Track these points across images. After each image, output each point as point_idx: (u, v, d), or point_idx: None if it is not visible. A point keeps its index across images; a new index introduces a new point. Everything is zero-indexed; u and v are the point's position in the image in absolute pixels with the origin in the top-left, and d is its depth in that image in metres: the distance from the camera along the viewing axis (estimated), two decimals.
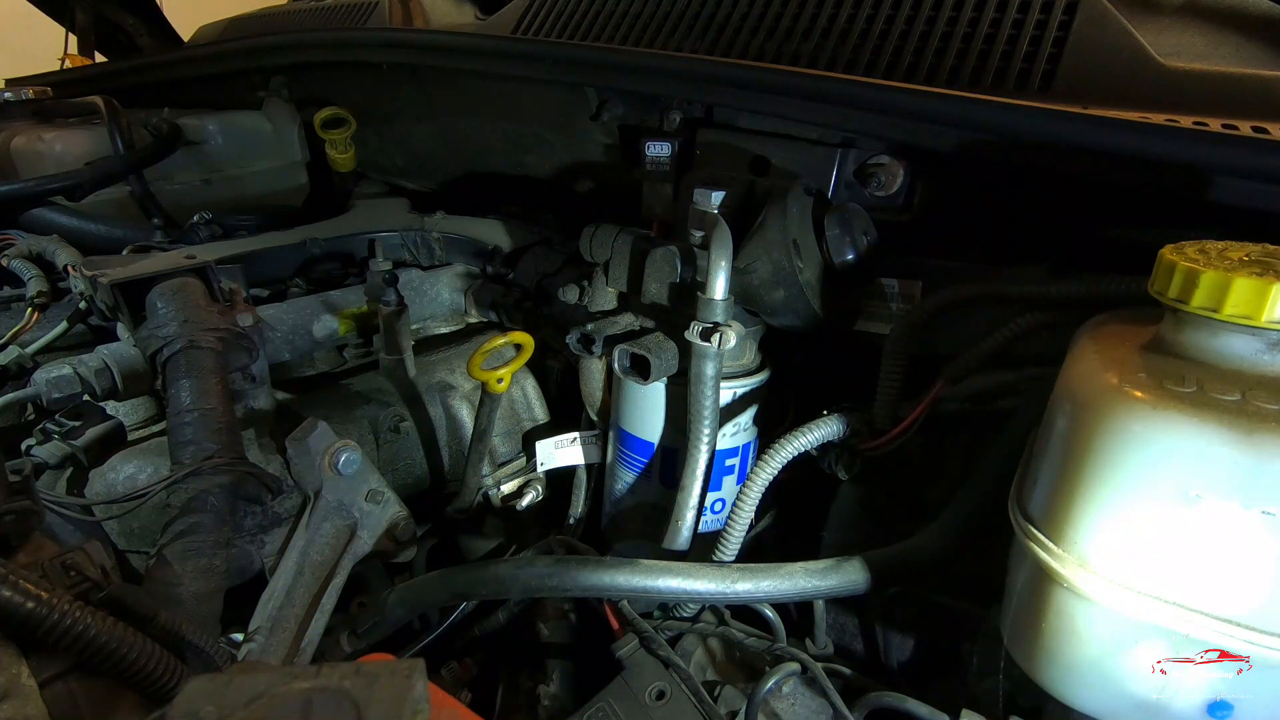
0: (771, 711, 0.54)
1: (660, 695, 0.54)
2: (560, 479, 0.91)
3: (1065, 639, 0.40)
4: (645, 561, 0.56)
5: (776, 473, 0.61)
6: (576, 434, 0.86)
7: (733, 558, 0.62)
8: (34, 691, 0.38)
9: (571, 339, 0.72)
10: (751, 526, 0.73)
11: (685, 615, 0.65)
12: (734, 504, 0.61)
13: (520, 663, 0.72)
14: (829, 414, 0.62)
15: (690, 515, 0.67)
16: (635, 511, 0.77)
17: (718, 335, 0.61)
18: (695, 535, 0.69)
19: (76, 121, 1.20)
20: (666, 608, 0.65)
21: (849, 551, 0.57)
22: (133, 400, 0.80)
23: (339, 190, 1.26)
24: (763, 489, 0.61)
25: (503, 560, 0.56)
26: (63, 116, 1.23)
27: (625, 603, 0.59)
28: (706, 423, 0.64)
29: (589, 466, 0.88)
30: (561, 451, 0.86)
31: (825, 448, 0.64)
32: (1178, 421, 0.34)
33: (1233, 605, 0.35)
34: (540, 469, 0.87)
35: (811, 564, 0.57)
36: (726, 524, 0.62)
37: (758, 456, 0.62)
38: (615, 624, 0.62)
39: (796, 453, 0.60)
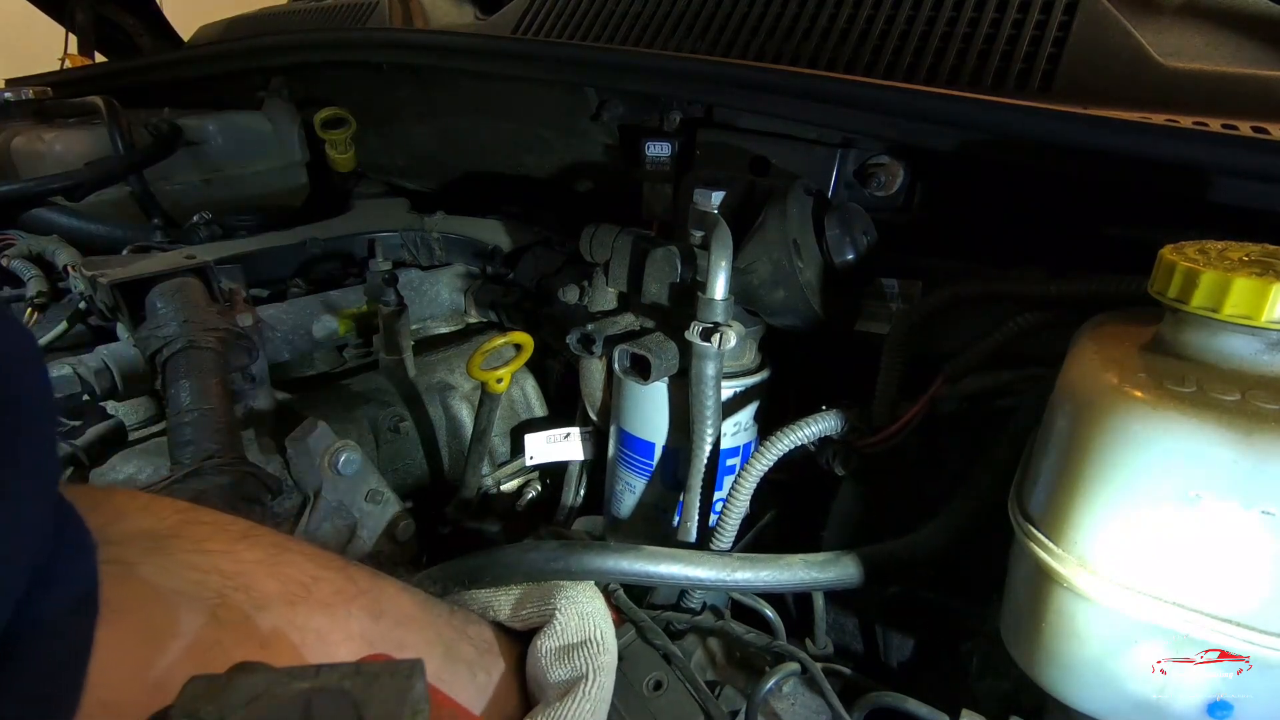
0: (771, 712, 0.54)
1: (657, 686, 0.54)
2: (560, 476, 0.91)
3: (1065, 639, 0.40)
4: (648, 548, 0.56)
5: (773, 464, 0.60)
6: (568, 429, 0.86)
7: (728, 548, 0.63)
8: None
9: (571, 339, 0.72)
10: (752, 524, 0.73)
11: (689, 605, 0.64)
12: (729, 493, 0.61)
13: None
14: (827, 410, 0.62)
15: (697, 514, 0.67)
16: (636, 511, 0.77)
17: (718, 335, 0.61)
18: (701, 534, 0.69)
19: (76, 121, 1.20)
20: (659, 605, 0.65)
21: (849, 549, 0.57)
22: (133, 400, 0.80)
23: (339, 190, 1.26)
24: (758, 479, 0.61)
25: (506, 546, 0.56)
26: (63, 116, 1.23)
27: (622, 593, 0.59)
28: (709, 423, 0.64)
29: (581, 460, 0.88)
30: (553, 446, 0.86)
31: (823, 444, 0.64)
32: (1178, 421, 0.34)
33: (1233, 605, 0.35)
34: (530, 463, 0.87)
35: (811, 556, 0.57)
36: (721, 514, 0.62)
37: (756, 449, 0.62)
38: (613, 614, 0.62)
39: (793, 445, 0.60)
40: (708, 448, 0.65)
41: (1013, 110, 0.56)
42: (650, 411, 0.72)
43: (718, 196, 0.67)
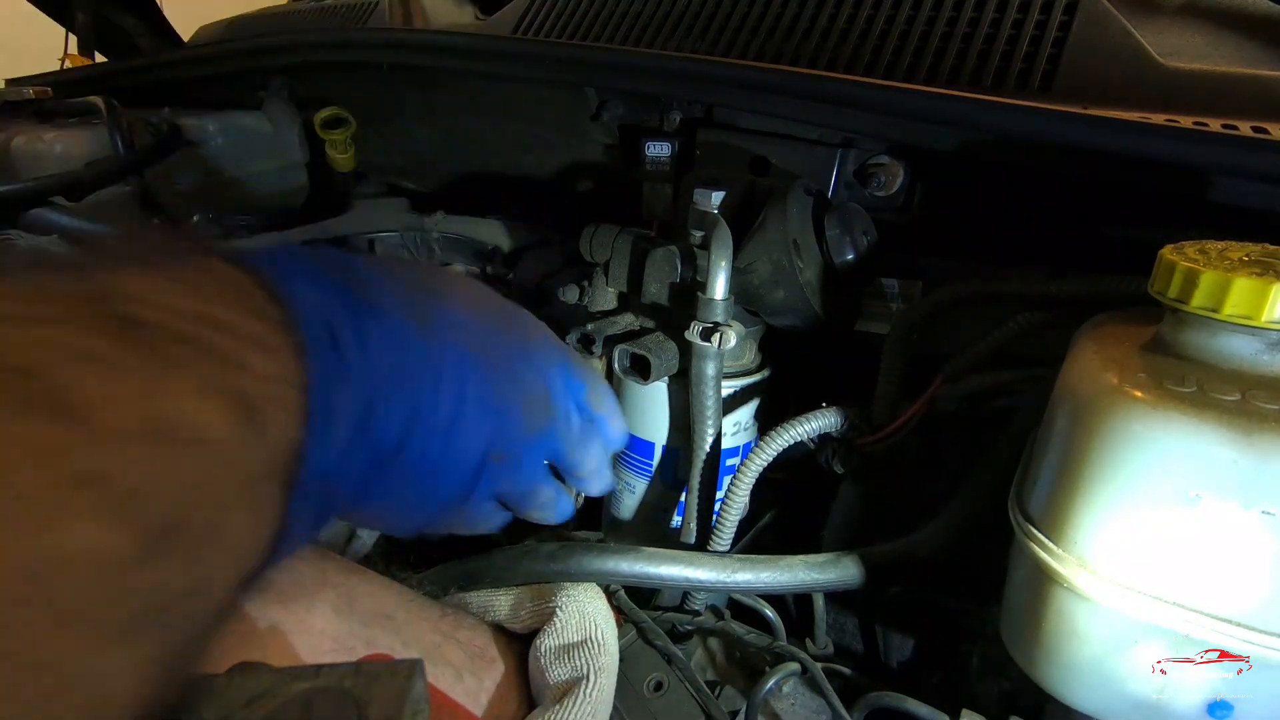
0: (771, 712, 0.54)
1: (658, 686, 0.54)
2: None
3: (1065, 639, 0.40)
4: (647, 549, 0.56)
5: (771, 459, 0.60)
6: None
7: (727, 545, 0.63)
8: None
9: (571, 339, 0.72)
10: (752, 524, 0.73)
11: (692, 607, 0.64)
12: (727, 489, 0.61)
13: None
14: (827, 407, 0.62)
15: (697, 514, 0.67)
16: (636, 512, 0.77)
17: (718, 335, 0.61)
18: (701, 534, 0.69)
19: (76, 121, 1.20)
20: (663, 607, 0.65)
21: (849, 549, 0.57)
22: None
23: (339, 190, 1.26)
24: (756, 474, 0.61)
25: (505, 548, 0.56)
26: (63, 116, 1.23)
27: (623, 593, 0.59)
28: (709, 422, 0.64)
29: None
30: None
31: (823, 443, 0.64)
32: (1178, 421, 0.34)
33: (1233, 605, 0.35)
34: None
35: (811, 557, 0.57)
36: (720, 511, 0.62)
37: (755, 445, 0.62)
38: (615, 615, 0.62)
39: (793, 441, 0.60)
40: (708, 447, 0.65)
41: (1013, 110, 0.56)
42: (650, 411, 0.72)
43: (718, 196, 0.67)
